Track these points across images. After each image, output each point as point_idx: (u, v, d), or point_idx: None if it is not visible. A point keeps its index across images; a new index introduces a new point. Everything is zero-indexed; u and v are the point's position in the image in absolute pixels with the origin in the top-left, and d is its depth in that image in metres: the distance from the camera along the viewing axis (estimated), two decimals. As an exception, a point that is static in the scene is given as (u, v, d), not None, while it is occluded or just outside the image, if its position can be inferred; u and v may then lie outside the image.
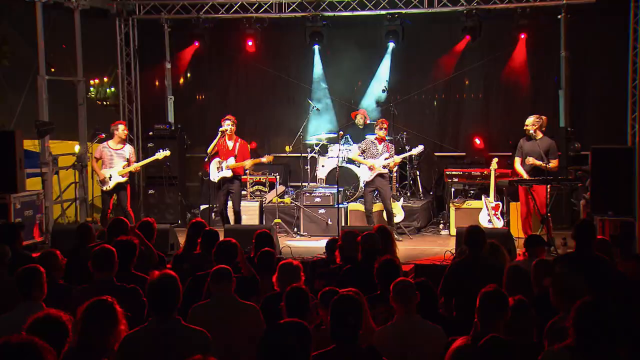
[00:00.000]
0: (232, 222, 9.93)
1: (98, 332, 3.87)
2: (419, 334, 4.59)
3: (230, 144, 9.88)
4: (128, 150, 10.16)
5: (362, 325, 3.98)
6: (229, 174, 9.83)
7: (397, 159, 10.34)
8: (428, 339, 4.57)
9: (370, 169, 10.25)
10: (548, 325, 4.27)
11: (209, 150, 9.92)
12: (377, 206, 10.92)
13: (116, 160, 10.00)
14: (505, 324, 4.07)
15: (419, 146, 10.52)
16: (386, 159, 10.23)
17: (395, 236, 9.65)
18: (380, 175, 10.25)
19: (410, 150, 10.67)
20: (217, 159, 9.89)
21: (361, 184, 10.87)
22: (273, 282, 5.38)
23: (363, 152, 10.41)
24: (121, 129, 10.10)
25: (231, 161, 9.81)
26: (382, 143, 10.35)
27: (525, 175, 9.36)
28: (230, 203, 9.93)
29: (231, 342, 4.72)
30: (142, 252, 6.18)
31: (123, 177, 10.02)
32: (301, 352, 3.35)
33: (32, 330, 3.52)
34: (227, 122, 9.82)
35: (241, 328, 4.80)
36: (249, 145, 10.15)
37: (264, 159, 9.99)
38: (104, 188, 10.05)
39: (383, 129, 10.27)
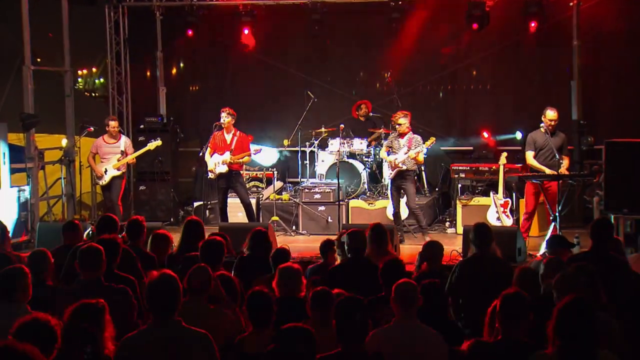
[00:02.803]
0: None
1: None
2: (416, 340, 4.37)
3: (227, 137, 9.75)
4: (123, 142, 10.32)
5: (370, 327, 3.93)
6: (224, 169, 9.63)
7: (412, 153, 9.48)
8: (425, 346, 4.36)
9: (391, 166, 9.68)
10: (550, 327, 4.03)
11: (207, 150, 9.80)
12: (380, 203, 10.61)
13: (111, 155, 10.20)
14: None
15: (430, 138, 9.74)
16: (405, 153, 9.58)
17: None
18: (400, 172, 9.59)
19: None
20: (215, 155, 9.69)
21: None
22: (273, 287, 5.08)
23: (390, 148, 9.83)
24: (111, 125, 10.32)
25: (226, 156, 9.58)
26: (405, 137, 9.66)
27: (547, 171, 8.82)
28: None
29: None
30: (129, 253, 5.95)
31: (118, 170, 10.18)
32: (307, 357, 3.44)
33: (19, 335, 3.47)
34: (223, 114, 9.70)
35: None
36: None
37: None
38: (101, 183, 10.28)
39: (403, 123, 9.52)
